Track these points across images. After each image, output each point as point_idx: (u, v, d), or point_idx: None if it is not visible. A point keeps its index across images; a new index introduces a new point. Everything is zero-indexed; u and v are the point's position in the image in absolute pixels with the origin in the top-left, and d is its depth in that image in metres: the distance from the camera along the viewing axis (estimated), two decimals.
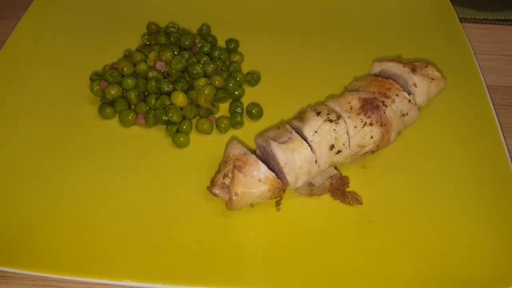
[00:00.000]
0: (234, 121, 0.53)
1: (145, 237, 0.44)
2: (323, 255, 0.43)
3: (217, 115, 0.54)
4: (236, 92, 0.55)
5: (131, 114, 0.52)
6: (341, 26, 0.63)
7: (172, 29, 0.59)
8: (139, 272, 0.41)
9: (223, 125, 0.52)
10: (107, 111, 0.52)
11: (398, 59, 0.52)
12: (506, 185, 0.46)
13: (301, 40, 0.62)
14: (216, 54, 0.57)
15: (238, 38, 0.61)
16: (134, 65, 0.55)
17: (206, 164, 0.50)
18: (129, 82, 0.53)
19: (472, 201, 0.46)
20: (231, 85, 0.55)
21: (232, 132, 0.53)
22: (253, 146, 0.51)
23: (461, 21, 0.66)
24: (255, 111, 0.54)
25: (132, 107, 0.53)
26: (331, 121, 0.44)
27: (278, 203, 0.46)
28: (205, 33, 0.60)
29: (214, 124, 0.53)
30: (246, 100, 0.56)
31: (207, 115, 0.53)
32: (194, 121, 0.53)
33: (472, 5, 0.71)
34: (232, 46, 0.60)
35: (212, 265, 0.42)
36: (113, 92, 0.52)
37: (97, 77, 0.54)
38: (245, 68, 0.59)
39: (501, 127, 0.52)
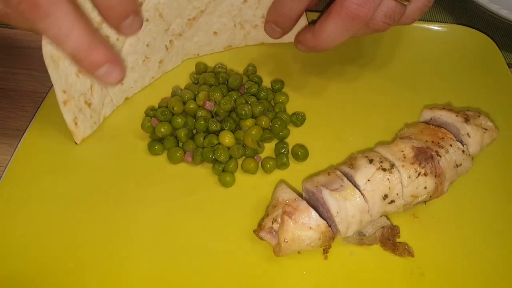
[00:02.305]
0: (279, 162, 0.53)
1: (190, 278, 0.44)
2: None
3: (262, 155, 0.54)
4: (281, 133, 0.56)
5: (179, 152, 0.53)
6: (388, 71, 0.63)
7: (220, 69, 0.61)
8: None
9: (268, 166, 0.52)
10: (156, 147, 0.53)
11: (449, 108, 0.51)
12: None
13: (347, 84, 0.62)
14: (262, 95, 0.58)
15: (283, 79, 0.62)
16: (184, 103, 0.56)
17: (251, 205, 0.49)
18: (179, 120, 0.54)
19: None
20: (277, 125, 0.55)
21: (277, 173, 0.53)
22: (298, 187, 0.50)
23: (509, 66, 0.65)
24: (300, 153, 0.53)
25: (180, 144, 0.54)
26: (384, 170, 0.43)
27: (325, 251, 0.45)
28: (251, 74, 0.62)
29: (260, 164, 0.53)
30: (291, 141, 0.56)
31: (252, 155, 0.54)
32: (239, 161, 0.53)
33: None
34: (278, 86, 0.61)
35: None
36: (163, 130, 0.53)
37: (152, 112, 0.56)
38: (290, 109, 0.59)
39: None
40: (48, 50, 0.45)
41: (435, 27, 0.68)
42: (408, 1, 0.47)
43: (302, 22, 0.59)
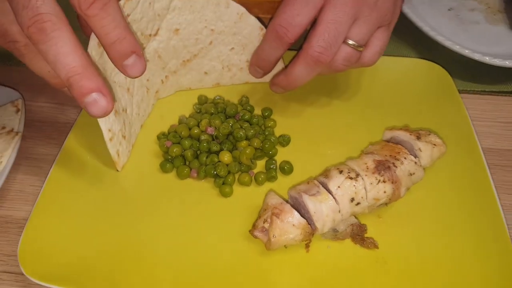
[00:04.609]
0: (269, 175, 0.64)
1: (198, 269, 0.54)
2: None
3: (255, 170, 0.66)
4: (271, 152, 0.67)
5: (186, 169, 0.64)
6: (357, 99, 0.75)
7: (219, 100, 0.73)
8: None
9: (260, 179, 0.63)
10: (167, 166, 0.64)
11: (405, 128, 0.63)
12: (498, 235, 0.55)
13: (323, 110, 0.73)
14: (254, 121, 0.70)
15: (271, 107, 0.74)
16: (189, 129, 0.68)
17: (247, 211, 0.60)
18: (186, 143, 0.65)
19: (466, 246, 0.56)
20: (267, 146, 0.67)
21: (267, 185, 0.64)
22: (284, 194, 0.61)
23: (460, 93, 0.76)
24: (287, 168, 0.65)
25: (187, 163, 0.66)
26: (351, 178, 0.55)
27: (307, 246, 0.56)
28: (244, 103, 0.74)
29: (253, 178, 0.64)
30: (278, 158, 0.67)
31: (247, 170, 0.65)
32: (236, 175, 0.64)
33: (471, 78, 0.82)
34: (267, 113, 0.73)
35: None
36: (175, 150, 0.64)
37: (163, 136, 0.68)
38: (277, 132, 0.71)
39: (495, 185, 0.61)
40: None
41: (398, 60, 0.81)
42: (361, 47, 0.59)
43: (279, 65, 0.72)
